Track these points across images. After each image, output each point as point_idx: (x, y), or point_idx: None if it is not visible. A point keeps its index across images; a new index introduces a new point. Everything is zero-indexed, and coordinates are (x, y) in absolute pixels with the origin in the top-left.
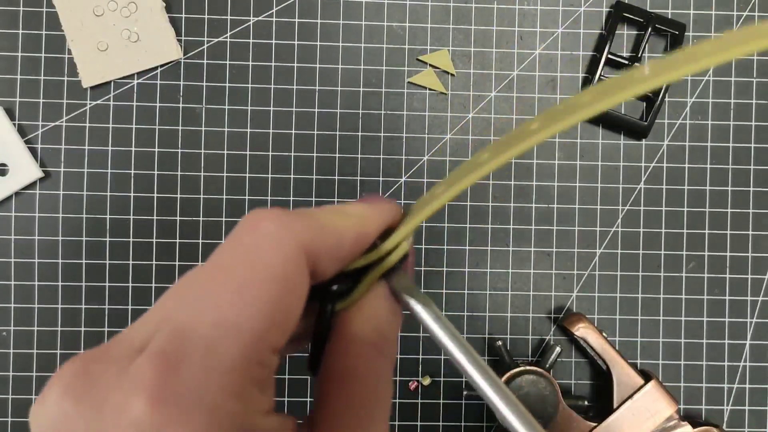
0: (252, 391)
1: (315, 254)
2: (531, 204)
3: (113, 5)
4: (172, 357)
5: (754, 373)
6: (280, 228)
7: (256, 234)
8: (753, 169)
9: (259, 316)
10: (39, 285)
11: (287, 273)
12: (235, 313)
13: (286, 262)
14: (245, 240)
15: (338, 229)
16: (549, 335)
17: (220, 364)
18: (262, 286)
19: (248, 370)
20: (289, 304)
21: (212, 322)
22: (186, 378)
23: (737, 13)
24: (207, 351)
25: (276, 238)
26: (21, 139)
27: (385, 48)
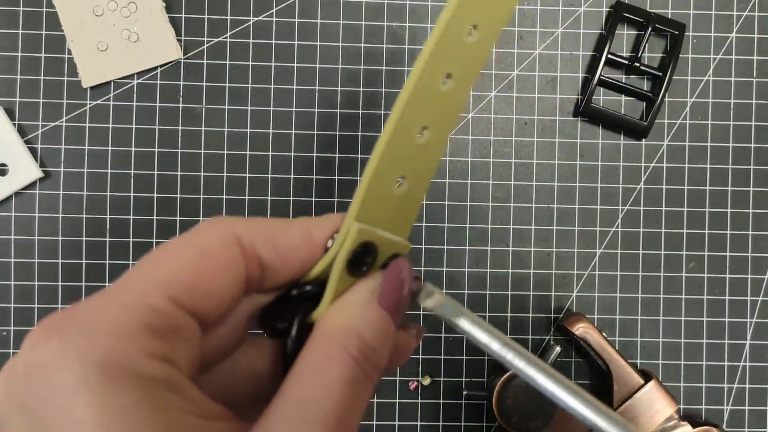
0: (144, 334)
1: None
2: (531, 204)
3: (113, 5)
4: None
5: (754, 373)
6: (215, 220)
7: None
8: (753, 169)
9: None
10: (39, 285)
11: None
12: (143, 268)
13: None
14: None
15: (279, 221)
16: (549, 335)
17: (110, 303)
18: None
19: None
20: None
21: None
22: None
23: (737, 13)
24: (104, 295)
25: (209, 224)
26: (21, 139)
27: (385, 48)
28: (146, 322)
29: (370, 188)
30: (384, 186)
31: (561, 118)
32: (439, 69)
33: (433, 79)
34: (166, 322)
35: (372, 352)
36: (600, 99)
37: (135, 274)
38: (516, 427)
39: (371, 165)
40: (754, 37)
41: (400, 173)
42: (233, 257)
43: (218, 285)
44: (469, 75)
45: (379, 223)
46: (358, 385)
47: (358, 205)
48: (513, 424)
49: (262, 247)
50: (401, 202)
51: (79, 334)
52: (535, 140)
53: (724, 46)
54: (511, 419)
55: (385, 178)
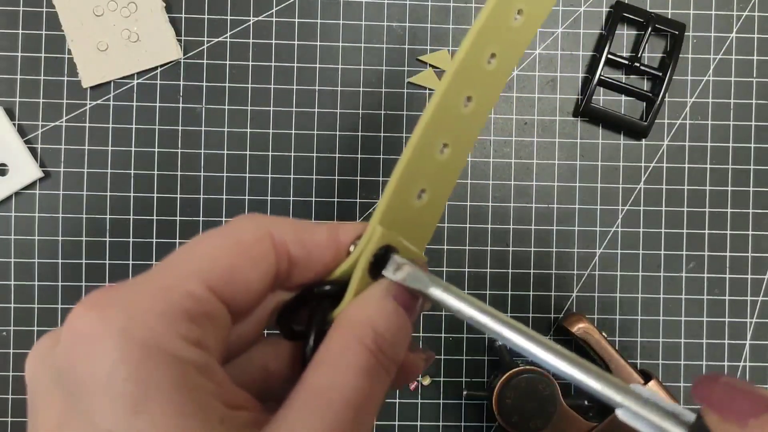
0: (180, 317)
1: (282, 236)
2: (531, 204)
3: (113, 5)
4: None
5: (754, 373)
6: (250, 216)
7: (230, 221)
8: (753, 169)
9: (203, 258)
10: (39, 285)
11: (245, 235)
12: (181, 257)
13: (242, 229)
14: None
15: (306, 224)
16: (549, 335)
17: (150, 286)
18: (218, 240)
19: (177, 295)
20: (244, 259)
21: (161, 266)
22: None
23: (737, 13)
24: (145, 277)
25: (244, 219)
26: (21, 139)
27: (385, 48)
28: (184, 307)
29: (394, 197)
30: (406, 196)
31: (561, 118)
32: (460, 92)
33: (455, 101)
34: (202, 309)
35: (388, 345)
36: (600, 99)
37: (174, 260)
38: (516, 427)
39: (395, 175)
40: (754, 37)
41: (422, 186)
42: (266, 251)
43: (251, 277)
44: (489, 99)
45: (402, 231)
46: (374, 376)
47: (382, 210)
48: (513, 424)
49: (292, 244)
50: (420, 215)
51: (121, 311)
52: (535, 140)
53: (724, 46)
54: (511, 419)
55: (408, 189)
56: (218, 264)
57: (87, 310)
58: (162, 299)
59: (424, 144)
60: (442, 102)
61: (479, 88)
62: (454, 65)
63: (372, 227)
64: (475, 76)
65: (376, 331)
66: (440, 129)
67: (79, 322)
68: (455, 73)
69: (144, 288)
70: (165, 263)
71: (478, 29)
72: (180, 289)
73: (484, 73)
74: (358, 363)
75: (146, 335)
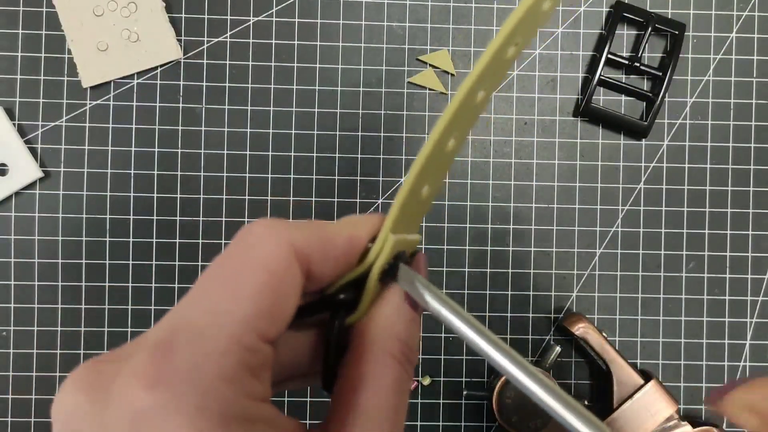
0: (244, 376)
1: (306, 252)
2: (531, 204)
3: (113, 5)
4: (165, 344)
5: (754, 373)
6: (270, 229)
7: (249, 236)
8: (753, 169)
9: (247, 303)
10: (39, 285)
11: (276, 264)
12: (225, 301)
13: (274, 255)
14: (240, 241)
15: (327, 230)
16: (549, 335)
17: (210, 348)
18: (252, 276)
19: (238, 354)
20: (279, 294)
21: (205, 310)
22: (178, 363)
23: (737, 13)
24: (197, 337)
25: (266, 237)
26: (21, 139)
27: (385, 48)
28: (246, 365)
29: (407, 199)
30: (416, 195)
31: (561, 118)
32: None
33: (473, 96)
34: (259, 360)
35: (411, 352)
36: (600, 99)
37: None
38: (516, 427)
39: (410, 180)
40: (754, 37)
41: (429, 181)
42: (297, 276)
43: (289, 308)
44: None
45: (404, 224)
46: (405, 386)
47: (395, 217)
48: (513, 424)
49: (316, 261)
50: (422, 204)
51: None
52: (535, 140)
53: (724, 46)
54: (511, 419)
55: (419, 188)
56: (261, 307)
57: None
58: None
59: (441, 142)
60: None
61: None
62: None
63: (384, 235)
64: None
65: (401, 341)
66: (457, 125)
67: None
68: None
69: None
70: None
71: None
72: (238, 347)
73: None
74: (393, 379)
75: (222, 408)
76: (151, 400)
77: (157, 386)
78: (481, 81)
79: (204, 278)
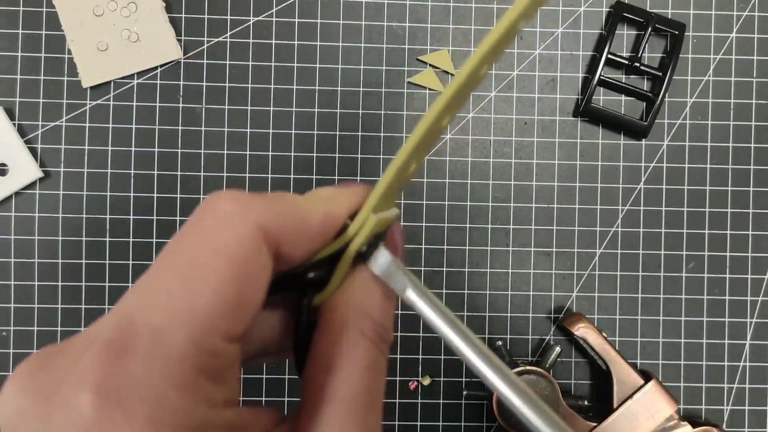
0: (202, 382)
1: (276, 235)
2: (531, 204)
3: (113, 5)
4: (118, 346)
5: (754, 373)
6: (235, 207)
7: (211, 214)
8: (753, 169)
9: (209, 300)
10: (39, 285)
11: (242, 253)
12: (184, 297)
13: (240, 241)
14: (200, 221)
15: (302, 209)
16: (549, 335)
17: (165, 353)
18: (214, 268)
19: (197, 359)
20: (246, 288)
21: (161, 307)
22: (131, 368)
23: (737, 13)
24: (153, 339)
25: (230, 218)
26: (21, 139)
27: (385, 48)
28: (205, 370)
29: (396, 177)
30: (402, 173)
31: (561, 118)
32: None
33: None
34: (222, 362)
35: (384, 330)
36: (600, 99)
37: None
38: (516, 427)
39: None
40: (754, 37)
41: (417, 158)
42: (266, 263)
43: (256, 299)
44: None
45: (385, 200)
46: (379, 366)
47: (379, 197)
48: (513, 424)
49: (287, 243)
50: (405, 180)
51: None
52: (535, 140)
53: (724, 46)
54: (511, 419)
55: (406, 167)
56: (224, 303)
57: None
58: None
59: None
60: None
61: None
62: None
63: (366, 215)
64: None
65: (374, 320)
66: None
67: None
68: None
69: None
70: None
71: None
72: (198, 351)
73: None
74: (367, 359)
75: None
76: (99, 411)
77: (106, 395)
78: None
79: (161, 263)
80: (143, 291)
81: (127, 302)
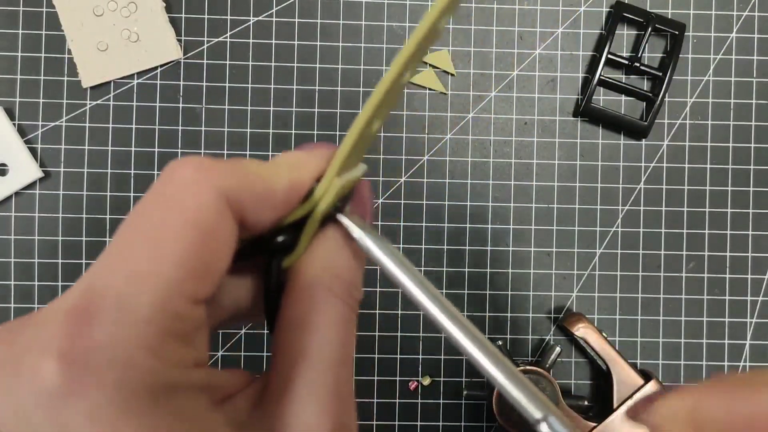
0: (171, 344)
1: (240, 201)
2: (531, 204)
3: (113, 5)
4: (82, 312)
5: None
6: (197, 173)
7: (173, 181)
8: (753, 169)
9: (173, 265)
10: (39, 285)
11: (205, 218)
12: (148, 262)
13: (203, 206)
14: (163, 189)
15: (267, 175)
16: (549, 335)
17: (131, 316)
18: (177, 233)
19: (163, 322)
20: (210, 252)
21: (125, 273)
22: (96, 334)
23: (737, 13)
24: (118, 304)
25: (193, 183)
26: (21, 139)
27: (385, 48)
28: (172, 331)
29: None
30: (366, 132)
31: (561, 118)
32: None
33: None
34: (189, 325)
35: (354, 288)
36: (600, 99)
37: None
38: (516, 427)
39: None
40: (754, 37)
41: (380, 115)
42: (230, 229)
43: (221, 264)
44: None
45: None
46: (349, 321)
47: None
48: (513, 424)
49: (251, 210)
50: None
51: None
52: (535, 140)
53: (724, 46)
54: (511, 419)
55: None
56: (189, 268)
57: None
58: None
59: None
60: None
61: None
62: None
63: (330, 178)
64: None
65: (342, 278)
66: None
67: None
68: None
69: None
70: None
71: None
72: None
73: None
74: (336, 314)
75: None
76: (65, 377)
77: (72, 361)
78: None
79: (124, 232)
80: (106, 260)
81: (90, 273)
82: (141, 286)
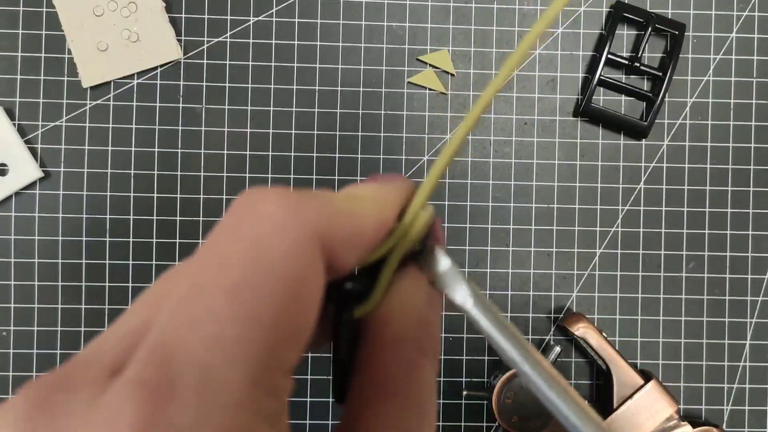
0: (262, 428)
1: (330, 245)
2: (531, 204)
3: (113, 5)
4: (159, 389)
5: (754, 373)
6: (285, 212)
7: (257, 219)
8: (753, 169)
9: (264, 329)
10: (39, 285)
11: (298, 270)
12: (234, 325)
13: (296, 256)
14: (242, 227)
15: (355, 211)
16: (549, 335)
17: (220, 398)
18: (268, 290)
19: (256, 402)
20: (303, 311)
21: (206, 338)
22: (177, 418)
23: (737, 13)
24: (202, 381)
25: (282, 225)
26: (21, 139)
27: (385, 48)
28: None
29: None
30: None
31: (561, 118)
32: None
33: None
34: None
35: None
36: (600, 99)
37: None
38: (516, 427)
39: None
40: (754, 37)
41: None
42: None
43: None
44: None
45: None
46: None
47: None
48: (513, 424)
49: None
50: None
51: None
52: (535, 140)
53: (724, 46)
54: (511, 419)
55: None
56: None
57: None
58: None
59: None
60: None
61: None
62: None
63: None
64: None
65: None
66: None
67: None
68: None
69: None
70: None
71: None
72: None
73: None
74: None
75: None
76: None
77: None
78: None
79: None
80: (176, 309)
81: (161, 327)
82: (228, 357)
